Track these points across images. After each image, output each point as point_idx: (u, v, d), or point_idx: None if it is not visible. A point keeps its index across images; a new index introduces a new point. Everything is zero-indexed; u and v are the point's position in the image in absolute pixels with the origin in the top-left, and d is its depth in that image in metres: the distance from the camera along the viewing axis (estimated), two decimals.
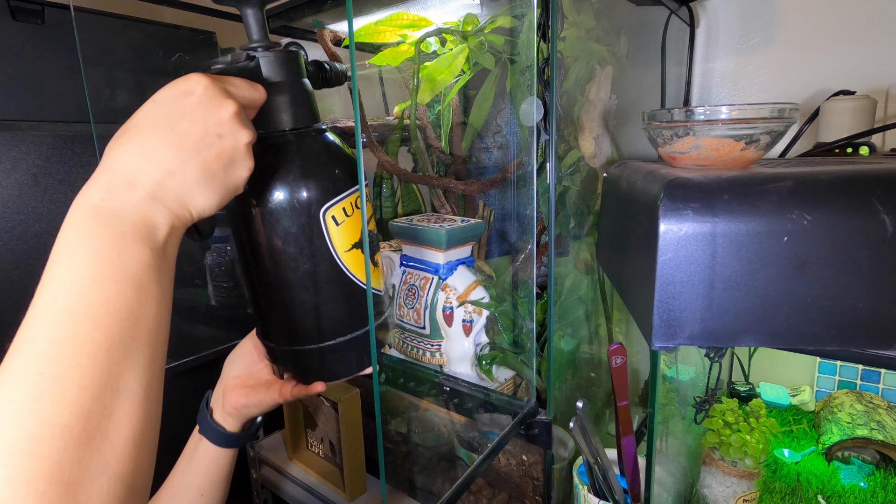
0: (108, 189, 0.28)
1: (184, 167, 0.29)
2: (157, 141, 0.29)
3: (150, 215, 0.28)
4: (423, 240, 0.68)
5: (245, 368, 0.54)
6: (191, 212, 0.30)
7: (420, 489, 0.77)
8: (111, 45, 0.75)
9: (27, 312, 0.26)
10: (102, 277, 0.26)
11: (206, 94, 0.30)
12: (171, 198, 0.29)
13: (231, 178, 0.32)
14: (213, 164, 0.30)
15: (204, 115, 0.30)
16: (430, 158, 0.79)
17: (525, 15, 0.59)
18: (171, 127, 0.29)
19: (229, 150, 0.31)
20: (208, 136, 0.30)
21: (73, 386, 0.24)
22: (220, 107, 0.30)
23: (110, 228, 0.27)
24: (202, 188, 0.30)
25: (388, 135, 0.83)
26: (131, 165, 0.28)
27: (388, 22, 0.71)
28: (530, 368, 0.64)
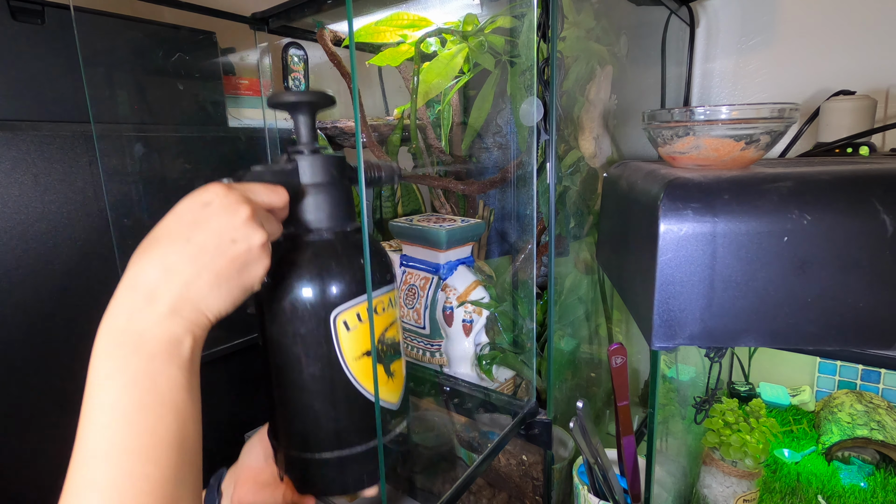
0: (131, 309, 0.29)
1: (199, 277, 0.30)
2: (174, 254, 0.30)
3: (172, 331, 0.29)
4: (423, 240, 0.68)
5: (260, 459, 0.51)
6: (208, 317, 0.32)
7: (420, 489, 0.77)
8: (111, 45, 0.75)
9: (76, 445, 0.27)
10: (142, 407, 0.27)
11: (223, 203, 0.31)
12: (189, 308, 0.30)
13: (245, 279, 0.33)
14: (227, 269, 0.31)
15: (219, 223, 0.31)
16: (430, 158, 0.79)
17: (525, 15, 0.59)
18: (187, 238, 0.30)
19: (243, 254, 0.32)
20: (223, 243, 0.31)
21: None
22: (235, 213, 0.32)
23: (140, 353, 0.28)
24: (217, 293, 0.31)
25: (388, 135, 0.83)
26: (151, 280, 0.30)
27: (388, 22, 0.71)
28: (530, 368, 0.63)
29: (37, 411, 0.69)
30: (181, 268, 0.30)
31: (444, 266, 0.68)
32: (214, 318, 0.32)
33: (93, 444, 0.26)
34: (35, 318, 0.68)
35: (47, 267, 0.69)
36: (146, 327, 0.29)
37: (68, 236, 0.71)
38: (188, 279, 0.30)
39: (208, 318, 0.32)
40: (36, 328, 0.68)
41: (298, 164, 0.39)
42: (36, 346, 0.68)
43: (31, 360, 0.68)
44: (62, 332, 0.70)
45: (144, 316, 0.29)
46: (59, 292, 0.70)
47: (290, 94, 0.39)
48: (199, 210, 0.31)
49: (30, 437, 0.69)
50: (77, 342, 0.71)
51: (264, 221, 0.34)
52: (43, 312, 0.69)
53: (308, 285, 0.39)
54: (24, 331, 0.67)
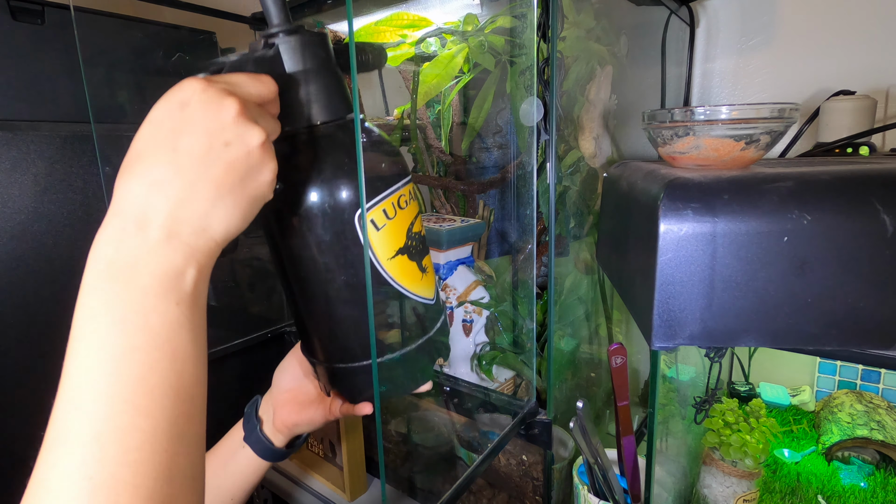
0: (120, 236, 0.25)
1: (195, 190, 0.26)
2: (160, 167, 0.25)
3: (170, 258, 0.25)
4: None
5: (296, 379, 0.50)
6: (214, 239, 0.27)
7: (420, 489, 0.77)
8: (111, 45, 0.75)
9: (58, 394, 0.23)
10: (132, 349, 0.24)
11: (203, 98, 0.26)
12: (188, 230, 0.26)
13: (252, 187, 0.28)
14: (226, 177, 0.27)
15: (204, 123, 0.26)
16: (430, 158, 0.79)
17: (525, 15, 0.59)
18: (172, 147, 0.26)
19: (242, 157, 0.27)
20: (214, 147, 0.26)
21: (127, 488, 0.22)
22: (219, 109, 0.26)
23: (130, 287, 0.24)
24: (221, 209, 0.27)
25: (389, 135, 0.83)
26: (139, 201, 0.25)
27: (388, 22, 0.71)
28: (530, 368, 0.63)
29: (37, 411, 0.69)
30: (171, 183, 0.25)
31: (444, 266, 0.68)
32: (223, 240, 0.27)
33: (75, 392, 0.23)
34: (35, 318, 0.68)
35: (47, 267, 0.69)
36: (138, 257, 0.24)
37: (68, 236, 0.71)
38: (182, 195, 0.25)
39: (214, 239, 0.27)
40: (36, 328, 0.68)
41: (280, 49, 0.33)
42: (36, 346, 0.68)
43: (31, 360, 0.68)
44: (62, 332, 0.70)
45: (135, 243, 0.25)
46: (59, 292, 0.70)
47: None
48: (178, 112, 0.26)
49: (30, 437, 0.69)
50: None
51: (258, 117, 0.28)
52: (43, 312, 0.69)
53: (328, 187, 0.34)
54: (24, 331, 0.67)
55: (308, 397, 0.50)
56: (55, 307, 0.70)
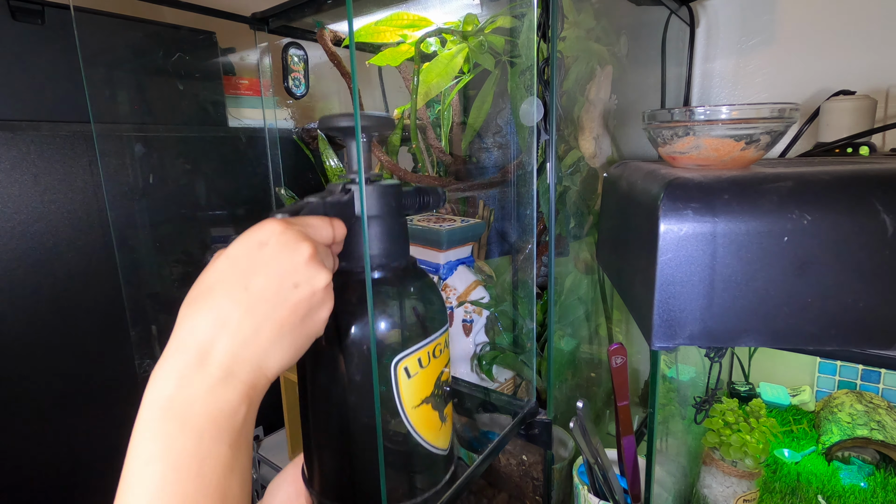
0: (181, 374, 0.25)
1: (260, 331, 0.27)
2: (230, 305, 0.26)
3: (227, 398, 0.26)
4: (423, 240, 0.68)
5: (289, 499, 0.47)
6: (267, 377, 0.28)
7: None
8: (111, 45, 0.75)
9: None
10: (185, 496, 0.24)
11: (281, 241, 0.28)
12: (247, 369, 0.27)
13: (308, 326, 0.29)
14: (289, 318, 0.28)
15: (278, 266, 0.27)
16: (430, 158, 0.79)
17: (525, 15, 0.59)
18: (244, 286, 0.27)
19: (306, 299, 0.28)
20: (283, 290, 0.27)
21: None
22: (294, 253, 0.28)
23: (186, 430, 0.25)
24: (278, 347, 0.28)
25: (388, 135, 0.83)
26: (204, 337, 0.26)
27: (388, 22, 0.71)
28: (530, 368, 0.63)
29: (36, 411, 0.69)
30: (239, 321, 0.26)
31: (444, 266, 0.68)
32: (274, 375, 0.28)
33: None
34: (35, 318, 0.68)
35: (47, 267, 0.69)
36: (197, 396, 0.25)
37: (68, 236, 0.71)
38: (247, 335, 0.26)
39: (267, 376, 0.28)
40: (36, 328, 0.68)
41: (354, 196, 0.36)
42: (36, 345, 0.68)
43: (31, 360, 0.68)
44: (62, 332, 0.70)
45: (195, 381, 0.25)
46: (59, 292, 0.70)
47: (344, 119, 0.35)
48: (256, 252, 0.27)
49: (30, 437, 0.69)
50: (77, 342, 0.71)
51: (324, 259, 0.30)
52: (43, 312, 0.69)
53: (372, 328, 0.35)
54: (24, 331, 0.67)
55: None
56: (55, 307, 0.70)
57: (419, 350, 0.37)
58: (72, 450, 0.72)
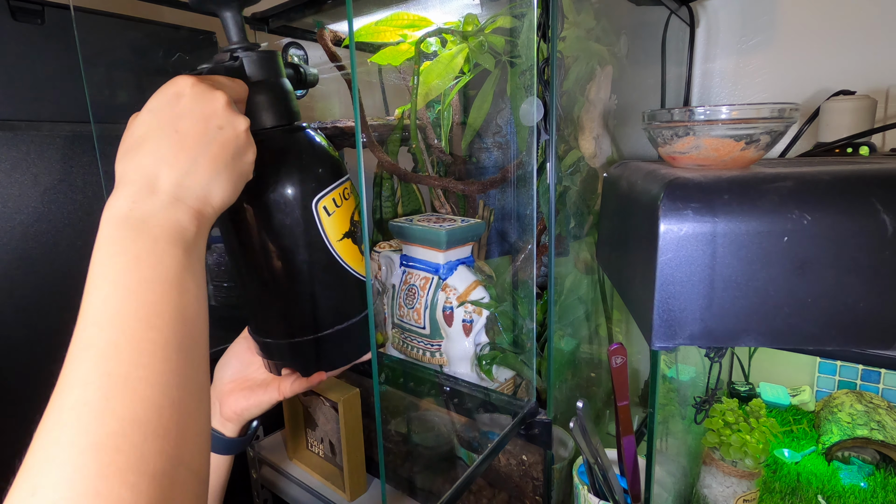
0: (133, 199, 0.29)
1: (196, 164, 0.30)
2: (165, 145, 0.30)
3: (176, 217, 0.29)
4: (423, 240, 0.68)
5: (239, 371, 0.53)
6: (212, 205, 0.32)
7: (420, 489, 0.77)
8: (111, 45, 0.75)
9: (77, 322, 0.27)
10: (145, 281, 0.27)
11: (196, 91, 0.31)
12: (192, 195, 0.30)
13: (240, 164, 0.33)
14: (221, 154, 0.32)
15: (200, 110, 0.31)
16: (430, 158, 0.79)
17: (525, 15, 0.59)
18: (174, 129, 0.30)
19: (232, 139, 0.32)
20: (210, 130, 0.31)
21: (142, 383, 0.25)
22: (211, 100, 0.32)
23: (144, 235, 0.28)
24: (217, 180, 0.32)
25: (388, 135, 0.83)
26: (149, 172, 0.29)
27: (389, 22, 0.71)
28: (530, 368, 0.63)
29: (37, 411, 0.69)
30: (177, 157, 0.30)
31: (444, 266, 0.68)
32: (219, 207, 0.32)
33: (94, 313, 0.26)
34: (35, 318, 0.68)
35: (47, 267, 0.69)
36: (150, 213, 0.29)
37: (68, 236, 0.71)
38: (186, 167, 0.30)
39: (212, 206, 0.32)
40: (36, 328, 0.68)
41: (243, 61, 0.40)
42: (36, 346, 0.68)
43: (31, 360, 0.68)
44: (62, 332, 0.70)
45: (147, 204, 0.29)
46: (59, 292, 0.70)
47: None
48: (175, 102, 0.31)
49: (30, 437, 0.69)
50: None
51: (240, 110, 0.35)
52: (43, 312, 0.69)
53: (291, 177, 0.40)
54: (24, 331, 0.67)
55: (254, 382, 0.52)
56: (56, 307, 0.70)
57: (332, 191, 0.43)
58: None
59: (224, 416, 0.52)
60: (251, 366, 0.53)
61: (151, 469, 0.23)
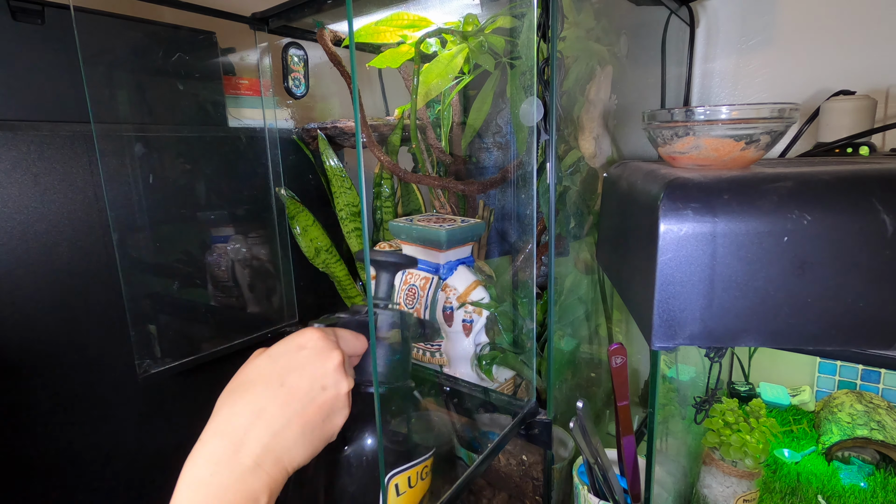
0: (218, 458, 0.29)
1: (289, 426, 0.30)
2: (266, 398, 0.30)
3: (252, 488, 0.29)
4: (423, 240, 0.68)
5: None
6: (287, 470, 0.31)
7: None
8: (111, 45, 0.75)
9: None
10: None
11: (317, 346, 0.32)
12: (272, 461, 0.30)
13: (327, 428, 0.33)
14: (314, 417, 0.31)
15: (313, 368, 0.31)
16: (430, 158, 0.79)
17: (525, 15, 0.59)
18: (280, 382, 0.31)
19: (330, 401, 0.32)
20: (314, 389, 0.31)
21: None
22: (327, 360, 0.32)
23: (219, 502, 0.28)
24: (301, 443, 0.31)
25: (388, 135, 0.83)
26: (241, 426, 0.29)
27: (389, 22, 0.71)
28: (530, 368, 0.63)
29: (36, 412, 0.69)
30: (272, 414, 0.30)
31: (444, 266, 0.68)
32: (293, 470, 0.31)
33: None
34: (35, 318, 0.68)
35: (47, 267, 0.69)
36: (229, 484, 0.28)
37: (68, 236, 0.71)
38: (278, 428, 0.30)
39: (287, 470, 0.31)
40: (36, 328, 0.68)
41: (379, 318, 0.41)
42: (35, 346, 0.68)
43: (31, 361, 0.68)
44: (62, 332, 0.70)
45: (229, 469, 0.28)
46: (59, 292, 0.70)
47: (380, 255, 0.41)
48: (294, 353, 0.32)
49: (29, 438, 0.69)
50: (77, 342, 0.71)
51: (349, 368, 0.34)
52: (43, 312, 0.69)
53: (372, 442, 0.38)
54: (24, 331, 0.67)
55: None
56: (55, 307, 0.70)
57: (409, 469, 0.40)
58: (71, 450, 0.72)
59: None
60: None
61: None
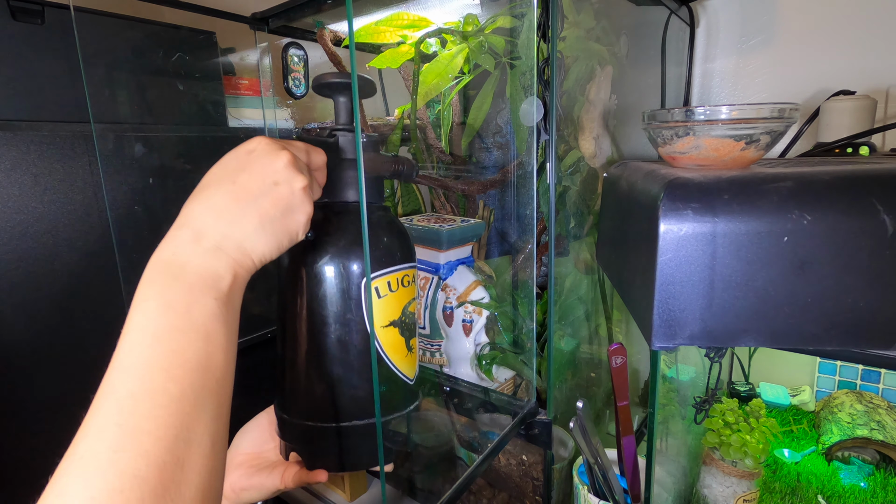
0: (177, 244, 0.31)
1: (243, 215, 0.32)
2: (220, 195, 0.32)
3: (213, 266, 0.31)
4: (423, 240, 0.68)
5: (255, 445, 0.50)
6: (251, 258, 0.33)
7: (420, 489, 0.77)
8: (111, 45, 0.75)
9: (111, 362, 0.27)
10: (173, 329, 0.28)
11: (265, 148, 0.34)
12: (233, 246, 0.32)
13: (289, 222, 0.34)
14: (270, 210, 0.33)
15: (261, 166, 0.33)
16: (430, 158, 0.79)
17: (525, 15, 0.59)
18: (232, 181, 0.33)
19: (286, 196, 0.33)
20: (265, 185, 0.33)
21: (149, 438, 0.25)
22: (275, 158, 0.33)
23: (179, 281, 0.29)
24: (261, 234, 0.33)
25: (388, 135, 0.83)
26: (199, 219, 0.31)
27: (389, 22, 0.71)
28: (530, 368, 0.63)
29: (36, 411, 0.69)
30: (227, 208, 0.32)
31: (444, 266, 0.68)
32: (259, 260, 0.33)
33: (121, 358, 0.27)
34: (35, 318, 0.68)
35: (47, 267, 0.69)
36: (188, 260, 0.30)
37: (68, 236, 0.71)
38: (233, 218, 0.32)
39: (252, 258, 0.33)
40: (36, 328, 0.68)
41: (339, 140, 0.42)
42: (35, 346, 0.68)
43: (31, 361, 0.68)
44: (62, 333, 0.70)
45: (189, 250, 0.30)
46: (59, 292, 0.70)
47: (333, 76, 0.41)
48: (244, 157, 0.33)
49: (29, 438, 0.69)
50: (76, 342, 0.71)
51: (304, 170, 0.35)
52: (43, 312, 0.69)
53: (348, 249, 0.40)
54: (24, 331, 0.67)
55: (264, 462, 0.49)
56: (55, 307, 0.69)
57: (389, 274, 0.41)
58: None
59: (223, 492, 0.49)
60: (268, 443, 0.50)
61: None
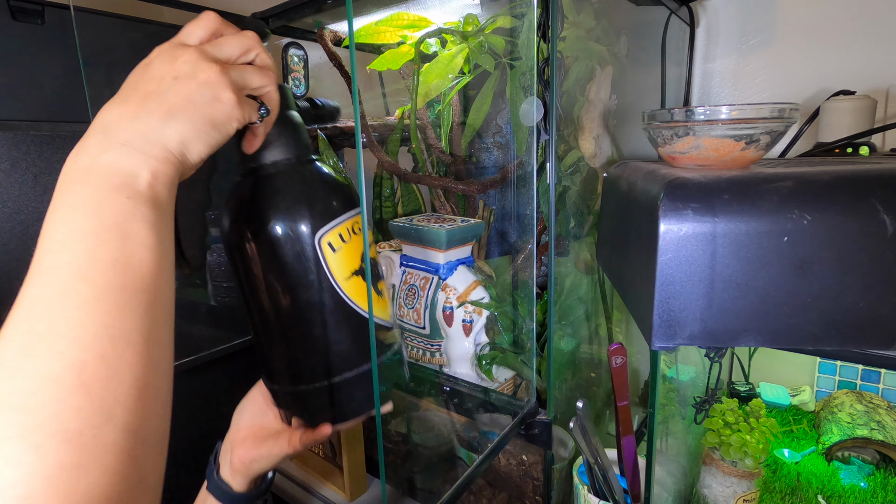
0: (84, 148, 0.30)
1: (147, 111, 0.31)
2: (123, 102, 0.31)
3: (122, 163, 0.29)
4: (423, 240, 0.68)
5: (254, 419, 0.50)
6: (171, 151, 0.31)
7: (420, 489, 0.77)
8: (111, 45, 0.75)
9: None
10: (82, 231, 0.27)
11: (161, 56, 0.33)
12: (141, 140, 0.30)
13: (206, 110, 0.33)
14: (176, 101, 0.31)
15: (158, 68, 0.32)
16: (430, 158, 0.79)
17: (525, 15, 0.59)
18: (133, 88, 0.32)
19: (194, 88, 0.32)
20: (165, 81, 0.32)
21: (62, 339, 0.24)
22: (171, 57, 0.33)
23: (84, 184, 0.28)
24: (173, 125, 0.31)
25: (388, 135, 0.83)
26: (103, 122, 0.31)
27: (389, 22, 0.71)
28: (530, 368, 0.63)
29: None
30: (129, 107, 0.31)
31: (444, 266, 0.68)
32: (179, 152, 0.32)
33: (34, 266, 0.26)
34: None
35: None
36: (94, 161, 0.29)
37: None
38: (135, 113, 0.31)
39: (169, 149, 0.31)
40: None
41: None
42: None
43: None
44: None
45: (94, 152, 0.29)
46: None
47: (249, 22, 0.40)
48: (143, 68, 0.33)
49: None
50: None
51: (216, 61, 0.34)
52: None
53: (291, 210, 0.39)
54: None
55: (267, 432, 0.49)
56: None
57: (336, 226, 0.40)
58: None
59: (233, 467, 0.48)
60: (267, 414, 0.50)
61: (65, 428, 0.22)
